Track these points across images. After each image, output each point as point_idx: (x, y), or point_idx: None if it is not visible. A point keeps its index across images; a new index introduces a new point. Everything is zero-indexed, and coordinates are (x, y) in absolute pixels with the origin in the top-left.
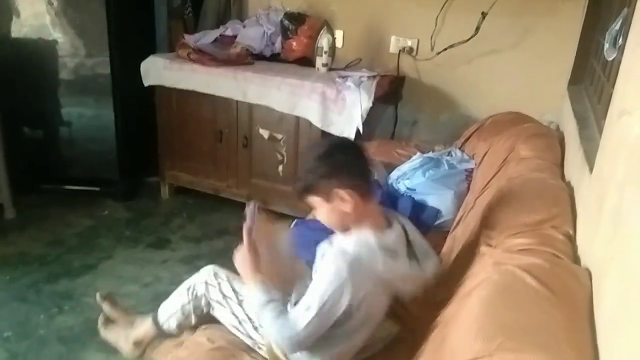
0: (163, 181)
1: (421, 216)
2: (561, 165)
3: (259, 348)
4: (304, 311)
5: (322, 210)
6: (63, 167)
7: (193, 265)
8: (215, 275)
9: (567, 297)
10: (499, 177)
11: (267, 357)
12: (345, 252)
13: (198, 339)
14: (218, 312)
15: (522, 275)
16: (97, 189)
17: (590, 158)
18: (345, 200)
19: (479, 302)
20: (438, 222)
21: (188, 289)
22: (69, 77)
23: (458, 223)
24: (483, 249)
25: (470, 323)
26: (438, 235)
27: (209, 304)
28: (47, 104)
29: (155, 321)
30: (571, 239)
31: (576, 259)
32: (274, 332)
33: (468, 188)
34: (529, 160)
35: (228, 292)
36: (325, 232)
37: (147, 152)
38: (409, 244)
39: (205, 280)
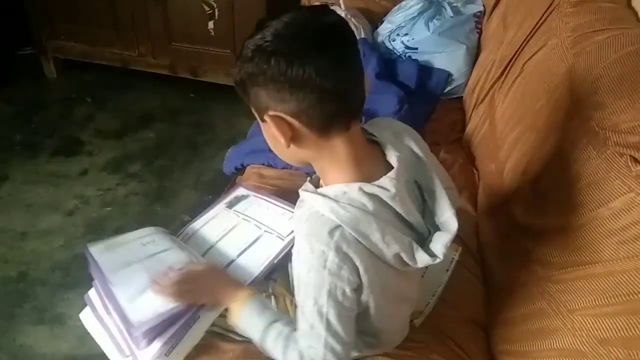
0: (45, 54)
1: (428, 84)
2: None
3: None
4: (310, 331)
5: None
6: None
7: (124, 172)
8: None
9: None
10: (550, 32)
11: None
12: (320, 219)
13: None
14: None
15: None
16: None
17: None
18: (281, 132)
19: None
20: (448, 88)
21: None
22: None
23: (486, 95)
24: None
25: None
26: (448, 105)
27: None
28: None
29: None
30: None
31: None
32: None
33: (479, 40)
34: (591, 5)
35: None
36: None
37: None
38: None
39: None
